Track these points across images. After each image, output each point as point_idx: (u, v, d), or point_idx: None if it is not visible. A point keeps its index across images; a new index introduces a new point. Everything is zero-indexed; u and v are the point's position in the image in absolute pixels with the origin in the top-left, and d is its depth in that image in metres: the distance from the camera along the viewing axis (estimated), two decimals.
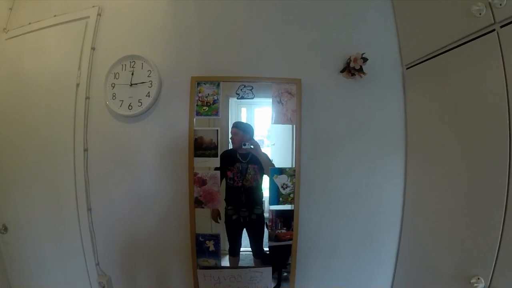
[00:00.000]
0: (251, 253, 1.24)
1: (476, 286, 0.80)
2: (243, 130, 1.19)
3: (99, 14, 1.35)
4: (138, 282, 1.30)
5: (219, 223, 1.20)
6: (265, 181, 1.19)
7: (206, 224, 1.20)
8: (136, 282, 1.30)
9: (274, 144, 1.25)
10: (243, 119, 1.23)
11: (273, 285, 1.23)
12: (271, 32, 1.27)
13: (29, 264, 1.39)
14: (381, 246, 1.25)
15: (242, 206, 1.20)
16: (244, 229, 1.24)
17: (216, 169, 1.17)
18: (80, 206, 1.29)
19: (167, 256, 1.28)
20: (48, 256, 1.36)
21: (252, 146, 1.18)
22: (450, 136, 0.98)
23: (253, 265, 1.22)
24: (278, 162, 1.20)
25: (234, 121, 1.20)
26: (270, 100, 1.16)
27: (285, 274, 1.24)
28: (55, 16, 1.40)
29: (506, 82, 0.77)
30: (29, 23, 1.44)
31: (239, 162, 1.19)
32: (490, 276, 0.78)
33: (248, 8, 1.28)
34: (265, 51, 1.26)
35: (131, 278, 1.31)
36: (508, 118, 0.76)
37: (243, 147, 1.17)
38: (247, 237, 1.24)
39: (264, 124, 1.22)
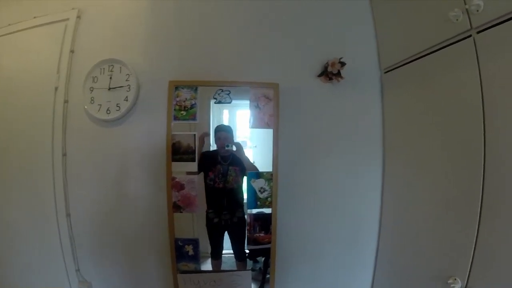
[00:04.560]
0: (233, 255, 1.24)
1: (453, 287, 0.81)
2: (229, 132, 1.19)
3: (78, 17, 1.34)
4: (119, 287, 1.30)
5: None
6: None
7: (186, 229, 1.19)
8: (117, 287, 1.30)
9: (256, 146, 1.25)
10: (225, 121, 1.23)
11: (256, 287, 1.23)
12: (249, 36, 1.27)
13: (9, 270, 1.37)
14: (361, 249, 1.26)
15: (223, 209, 1.20)
16: (226, 232, 1.23)
17: (193, 173, 1.16)
18: (59, 212, 1.28)
19: (148, 261, 1.28)
20: (27, 262, 1.34)
21: (234, 148, 1.18)
22: (427, 140, 1.00)
23: (235, 267, 1.22)
24: (260, 164, 1.19)
25: (216, 126, 1.19)
26: (249, 102, 1.16)
27: (268, 276, 1.24)
28: (34, 17, 1.39)
29: (481, 86, 0.78)
30: (9, 25, 1.42)
31: (220, 164, 1.19)
32: (467, 277, 0.80)
33: (226, 14, 1.28)
34: (243, 55, 1.26)
35: (112, 284, 1.30)
36: (483, 122, 0.77)
37: (225, 148, 1.17)
38: (229, 240, 1.23)
39: (246, 125, 1.21)
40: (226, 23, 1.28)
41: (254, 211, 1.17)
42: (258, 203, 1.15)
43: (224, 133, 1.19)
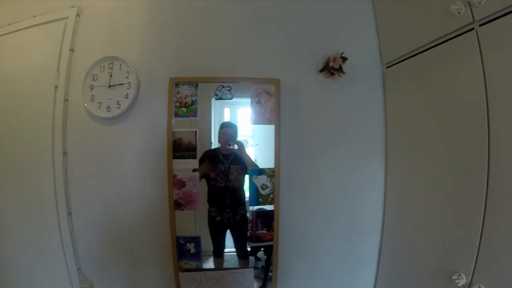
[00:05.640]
0: (236, 253, 1.23)
1: (458, 283, 0.80)
2: (233, 129, 1.19)
3: (78, 15, 1.33)
4: (120, 285, 1.28)
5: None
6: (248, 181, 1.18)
7: (187, 226, 1.19)
8: (118, 286, 1.29)
9: (257, 144, 1.24)
10: (226, 119, 1.23)
11: (257, 285, 1.22)
12: (249, 32, 1.26)
13: (10, 269, 1.36)
14: (364, 245, 1.26)
15: (225, 207, 1.20)
16: (228, 230, 1.23)
17: (194, 170, 1.16)
18: (60, 210, 1.27)
19: (149, 259, 1.27)
20: (29, 261, 1.33)
21: (236, 147, 1.17)
22: (430, 134, 0.99)
23: (237, 266, 1.22)
24: (262, 162, 1.19)
25: (222, 122, 1.20)
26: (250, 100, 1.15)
27: (270, 274, 1.23)
28: (34, 16, 1.38)
29: (484, 80, 0.78)
30: (8, 24, 1.42)
31: (222, 162, 1.18)
32: (471, 273, 0.79)
33: (225, 9, 1.27)
34: (244, 51, 1.25)
35: (113, 282, 1.29)
36: (487, 115, 0.77)
37: (227, 147, 1.16)
38: (231, 238, 1.23)
39: (247, 124, 1.21)
40: (226, 19, 1.27)
41: (255, 208, 1.17)
42: (260, 199, 1.15)
43: (229, 129, 1.18)
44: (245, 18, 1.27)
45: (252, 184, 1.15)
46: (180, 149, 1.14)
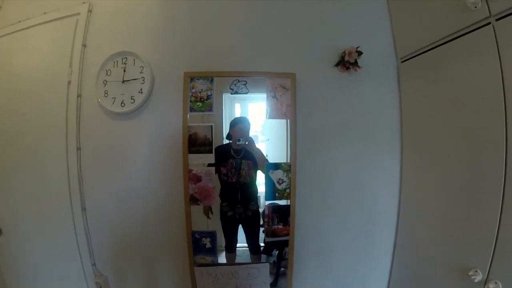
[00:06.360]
0: (248, 249, 1.23)
1: (474, 279, 0.80)
2: (248, 125, 1.18)
3: (89, 11, 1.33)
4: (135, 281, 1.29)
5: (210, 218, 1.19)
6: (259, 176, 1.18)
7: (202, 221, 1.19)
8: (132, 281, 1.30)
9: (268, 139, 1.24)
10: (237, 115, 1.22)
11: (270, 280, 1.22)
12: (265, 26, 1.25)
13: (25, 266, 1.38)
14: (378, 241, 1.25)
15: (237, 203, 1.20)
16: (240, 225, 1.23)
17: (210, 165, 1.16)
18: (75, 206, 1.28)
19: (164, 254, 1.27)
20: (44, 257, 1.35)
21: (247, 142, 1.17)
22: (446, 130, 0.98)
23: (249, 260, 1.22)
24: (272, 157, 1.19)
25: (234, 118, 1.19)
26: (264, 95, 1.15)
27: (282, 269, 1.23)
28: (45, 13, 1.38)
29: (502, 75, 0.76)
30: (19, 21, 1.42)
31: (233, 158, 1.18)
32: (488, 268, 0.78)
33: (238, 3, 1.26)
34: (259, 45, 1.24)
35: (127, 277, 1.30)
36: (504, 112, 0.76)
37: (237, 143, 1.16)
38: (243, 233, 1.23)
39: (258, 119, 1.21)
40: (241, 13, 1.26)
41: (268, 203, 1.17)
42: (277, 194, 1.15)
43: (242, 125, 1.18)
44: (258, 12, 1.25)
45: (268, 178, 1.14)
46: (195, 144, 1.14)
